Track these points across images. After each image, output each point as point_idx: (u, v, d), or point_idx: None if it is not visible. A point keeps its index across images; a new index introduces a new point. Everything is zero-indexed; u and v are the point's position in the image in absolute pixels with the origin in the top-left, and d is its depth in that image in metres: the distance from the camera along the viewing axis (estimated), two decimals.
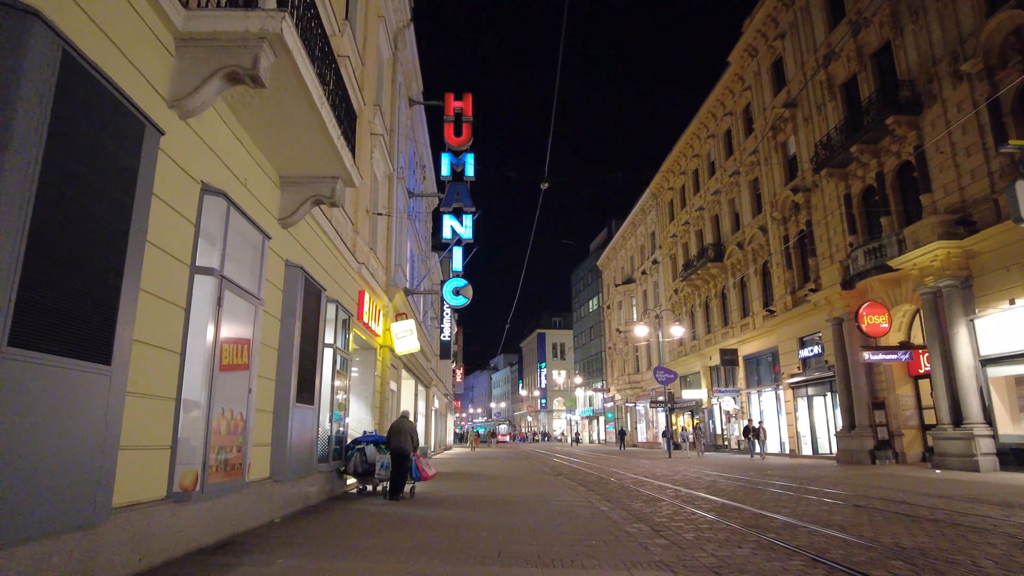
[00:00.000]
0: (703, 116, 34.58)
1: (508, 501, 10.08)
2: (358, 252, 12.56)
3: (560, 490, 12.07)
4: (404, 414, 10.74)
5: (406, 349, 15.31)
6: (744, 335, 29.45)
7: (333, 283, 10.40)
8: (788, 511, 8.86)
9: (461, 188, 19.45)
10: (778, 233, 25.97)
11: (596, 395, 63.42)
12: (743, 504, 9.69)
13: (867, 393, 19.34)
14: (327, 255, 10.08)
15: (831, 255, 21.90)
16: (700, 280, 34.21)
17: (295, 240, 8.44)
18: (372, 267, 14.10)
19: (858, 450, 19.04)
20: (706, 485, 13.26)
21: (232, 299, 6.09)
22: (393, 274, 16.46)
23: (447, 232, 19.33)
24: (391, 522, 7.72)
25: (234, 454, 6.04)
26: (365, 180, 13.66)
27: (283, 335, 7.91)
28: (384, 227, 16.15)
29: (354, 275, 12.11)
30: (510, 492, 11.71)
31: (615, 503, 10.03)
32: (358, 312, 12.44)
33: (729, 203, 31.76)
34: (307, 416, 8.60)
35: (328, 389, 10.08)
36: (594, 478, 15.90)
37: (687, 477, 15.56)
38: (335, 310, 10.37)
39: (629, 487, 13.10)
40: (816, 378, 23.06)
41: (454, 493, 11.53)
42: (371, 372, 14.58)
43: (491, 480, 15.00)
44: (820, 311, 21.93)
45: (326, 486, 10.06)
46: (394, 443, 10.20)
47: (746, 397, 29.73)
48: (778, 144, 26.26)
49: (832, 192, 21.81)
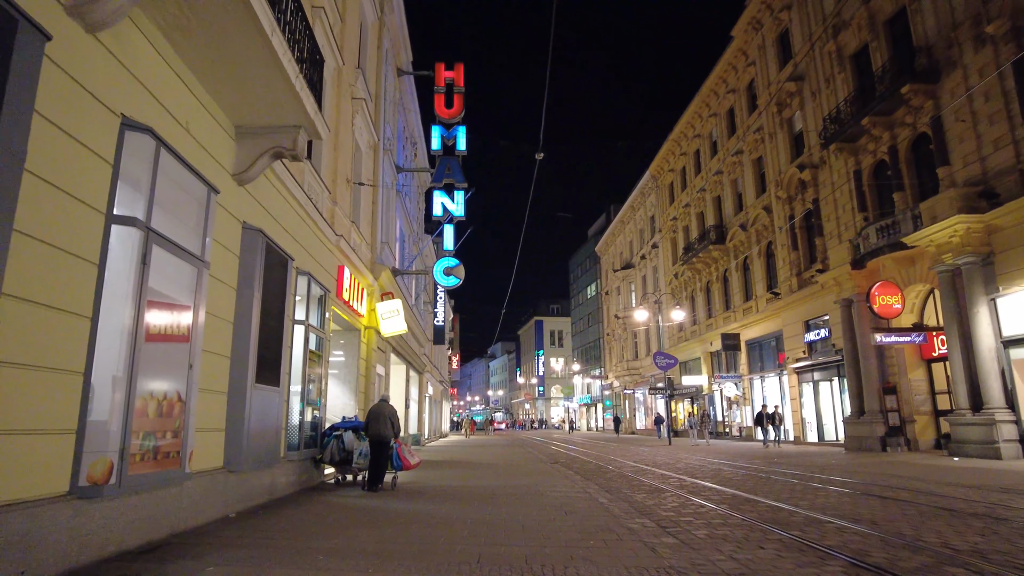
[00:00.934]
0: (705, 94, 33.50)
1: (498, 493, 9.21)
2: (337, 224, 11.60)
3: (555, 480, 11.20)
4: (384, 398, 9.84)
5: (392, 331, 14.39)
6: (747, 319, 28.58)
7: (305, 254, 9.45)
8: (808, 503, 7.98)
9: (452, 162, 18.40)
10: (783, 213, 25.02)
11: (594, 382, 62.71)
12: (755, 495, 8.82)
13: (877, 378, 18.49)
14: (297, 223, 9.12)
15: (839, 234, 20.97)
16: (701, 263, 33.28)
17: (255, 201, 7.48)
18: (354, 242, 13.14)
19: (868, 437, 18.21)
20: (711, 474, 12.41)
21: (164, 258, 5.14)
22: (379, 252, 15.50)
23: (437, 209, 18.31)
24: (362, 517, 6.83)
25: (168, 440, 5.12)
26: (346, 148, 12.68)
27: (240, 306, 6.98)
28: (369, 201, 15.17)
29: (332, 248, 11.16)
30: (501, 482, 10.84)
31: (615, 494, 9.15)
32: (337, 289, 11.50)
33: (732, 183, 30.78)
34: (271, 399, 7.69)
35: (300, 370, 9.16)
36: (592, 466, 15.06)
37: (690, 465, 14.72)
38: (307, 284, 9.43)
39: (629, 476, 12.25)
40: (822, 362, 22.22)
41: (440, 483, 10.65)
42: (355, 355, 13.66)
43: (482, 469, 14.15)
44: (828, 293, 21.03)
45: (298, 476, 9.17)
46: (373, 430, 9.31)
47: (748, 383, 28.92)
48: (783, 120, 25.24)
49: (841, 168, 20.83)
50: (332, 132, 11.75)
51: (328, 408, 13.16)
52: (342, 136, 12.30)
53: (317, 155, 10.96)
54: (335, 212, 11.58)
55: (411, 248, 23.17)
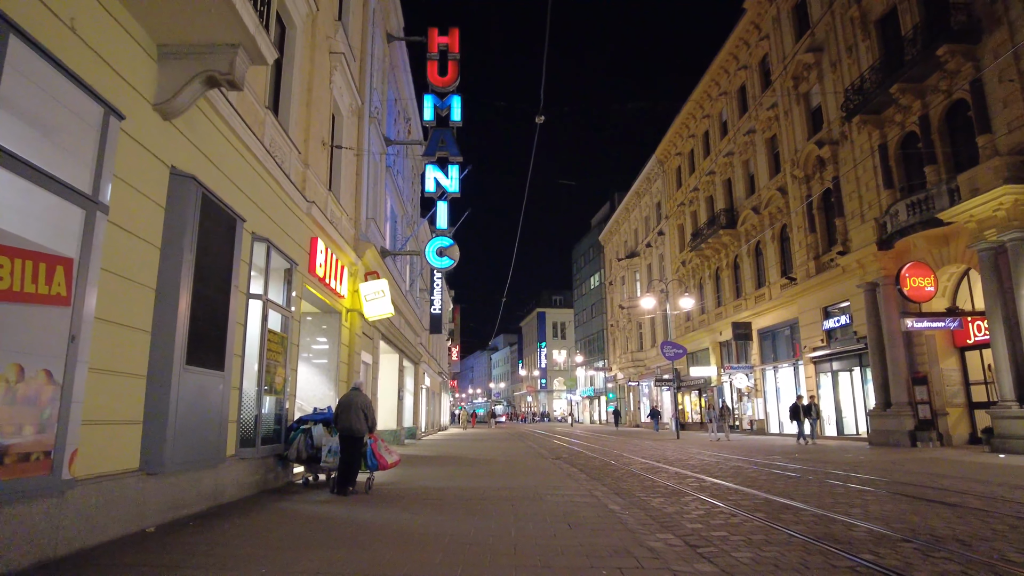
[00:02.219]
0: (714, 72, 31.95)
1: (490, 497, 7.86)
2: (309, 190, 10.22)
3: (558, 479, 9.85)
4: (356, 386, 8.50)
5: (377, 313, 13.03)
6: (759, 307, 27.16)
7: (263, 217, 8.08)
8: (860, 511, 6.62)
9: (446, 134, 16.98)
10: (799, 193, 23.56)
11: (597, 374, 61.36)
12: (791, 500, 7.45)
13: (906, 367, 17.09)
14: (252, 179, 7.74)
15: (862, 214, 19.53)
16: (710, 250, 31.84)
17: (190, 144, 6.10)
18: (332, 214, 11.77)
19: (895, 431, 16.84)
20: (730, 472, 11.05)
21: (18, 187, 3.77)
22: (364, 228, 14.13)
23: (430, 185, 16.91)
24: (315, 532, 5.49)
25: (27, 438, 3.76)
26: (322, 107, 11.29)
27: (165, 270, 5.62)
28: (352, 172, 13.79)
29: (302, 216, 9.78)
30: (495, 483, 9.49)
31: (627, 499, 7.80)
32: (309, 264, 10.14)
33: (743, 165, 29.29)
34: (212, 385, 6.33)
35: (256, 353, 7.81)
36: (597, 463, 13.72)
37: (705, 463, 13.37)
38: (266, 252, 8.06)
39: (640, 475, 10.89)
40: (842, 351, 20.82)
41: (425, 484, 9.31)
42: (335, 340, 12.32)
43: (477, 466, 12.81)
44: (849, 276, 19.61)
45: (255, 476, 7.83)
46: (343, 422, 7.97)
47: (760, 374, 27.54)
48: (800, 95, 23.73)
49: (864, 143, 19.36)
50: (304, 87, 10.36)
51: (304, 398, 11.86)
52: (317, 92, 10.91)
53: (285, 109, 9.58)
54: (307, 176, 10.20)
55: (404, 231, 21.79)
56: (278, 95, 9.59)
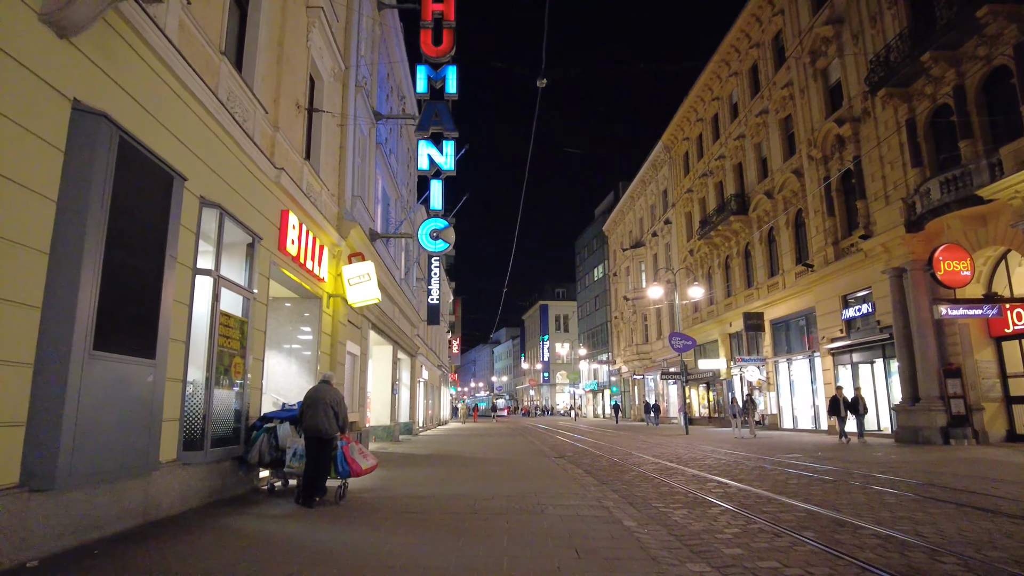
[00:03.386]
0: (724, 52, 30.54)
1: (482, 509, 6.67)
2: (279, 156, 9.01)
3: (562, 485, 8.66)
4: (326, 378, 7.30)
5: (362, 299, 11.82)
6: (772, 296, 25.89)
7: (215, 180, 6.87)
8: (933, 530, 5.41)
9: (440, 107, 15.72)
10: (816, 175, 22.24)
11: (601, 368, 60.17)
12: (841, 513, 6.24)
13: (937, 358, 15.84)
14: (199, 133, 6.52)
15: (886, 195, 18.23)
16: (720, 237, 30.54)
17: (100, 72, 4.88)
18: (308, 186, 10.56)
19: (925, 427, 15.60)
20: (755, 475, 9.84)
21: None
22: (349, 206, 12.92)
23: (423, 162, 15.65)
24: (254, 563, 4.30)
25: None
26: (296, 65, 10.06)
27: (63, 230, 4.42)
28: (335, 143, 12.56)
29: (268, 184, 8.57)
30: (491, 489, 8.30)
31: (643, 511, 6.61)
32: (279, 240, 8.93)
33: (755, 148, 27.95)
34: (134, 376, 5.15)
35: (205, 339, 6.62)
36: (604, 463, 12.54)
37: (722, 463, 12.17)
38: (218, 221, 6.86)
39: (653, 478, 9.69)
40: (864, 342, 19.56)
41: (410, 491, 8.12)
42: (314, 327, 11.14)
43: (473, 466, 11.64)
44: (873, 261, 18.35)
45: (204, 484, 6.65)
46: (308, 421, 6.78)
47: (773, 366, 26.30)
48: (817, 72, 22.37)
49: (890, 118, 18.04)
50: (274, 40, 9.14)
51: (281, 392, 10.71)
52: (291, 48, 9.68)
53: (250, 62, 8.36)
54: (277, 141, 8.98)
55: (399, 215, 20.55)
56: (242, 46, 8.37)
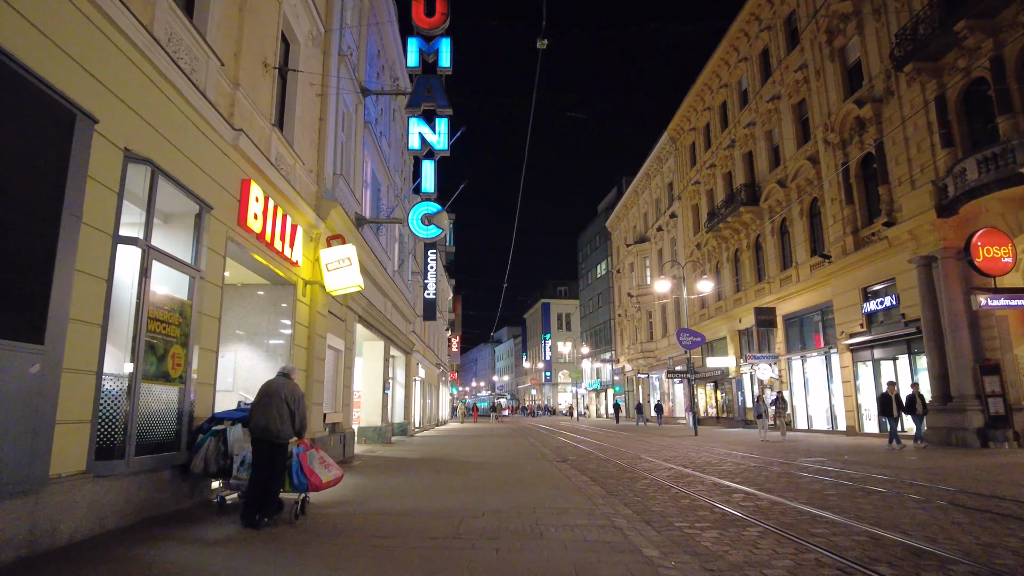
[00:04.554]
0: (733, 36, 29.30)
1: (468, 531, 5.46)
2: (239, 116, 7.80)
3: (564, 496, 7.45)
4: (284, 371, 6.10)
5: (341, 285, 10.60)
6: (784, 291, 24.63)
7: (145, 129, 5.67)
8: None
9: (433, 82, 14.53)
10: (833, 161, 20.99)
11: (604, 367, 58.91)
12: (912, 538, 5.00)
13: (971, 354, 14.60)
14: (121, 69, 5.32)
15: (911, 179, 16.98)
16: (729, 230, 29.28)
17: None
18: (280, 158, 9.35)
19: (959, 428, 14.37)
20: (784, 484, 8.62)
21: None
22: (329, 184, 11.72)
23: (414, 140, 14.46)
24: None
25: None
26: (263, 19, 8.86)
27: None
28: (313, 114, 11.36)
29: (223, 146, 7.37)
30: (482, 502, 7.09)
31: (664, 533, 5.40)
32: (239, 213, 7.73)
33: (766, 135, 26.70)
34: (6, 365, 3.94)
35: (130, 322, 5.42)
36: (611, 468, 11.32)
37: (742, 468, 10.95)
38: (148, 179, 5.67)
39: (669, 487, 8.47)
40: (887, 337, 18.31)
41: (386, 505, 6.92)
42: (288, 318, 9.95)
43: (466, 473, 10.43)
44: (898, 250, 17.11)
45: (128, 500, 5.44)
46: (258, 421, 5.59)
47: (785, 364, 25.04)
48: (834, 51, 21.12)
49: (916, 96, 16.79)
50: None
51: (250, 390, 9.50)
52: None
53: (202, 5, 7.16)
54: (236, 100, 7.78)
55: (391, 202, 19.33)
56: None
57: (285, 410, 5.59)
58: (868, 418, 19.62)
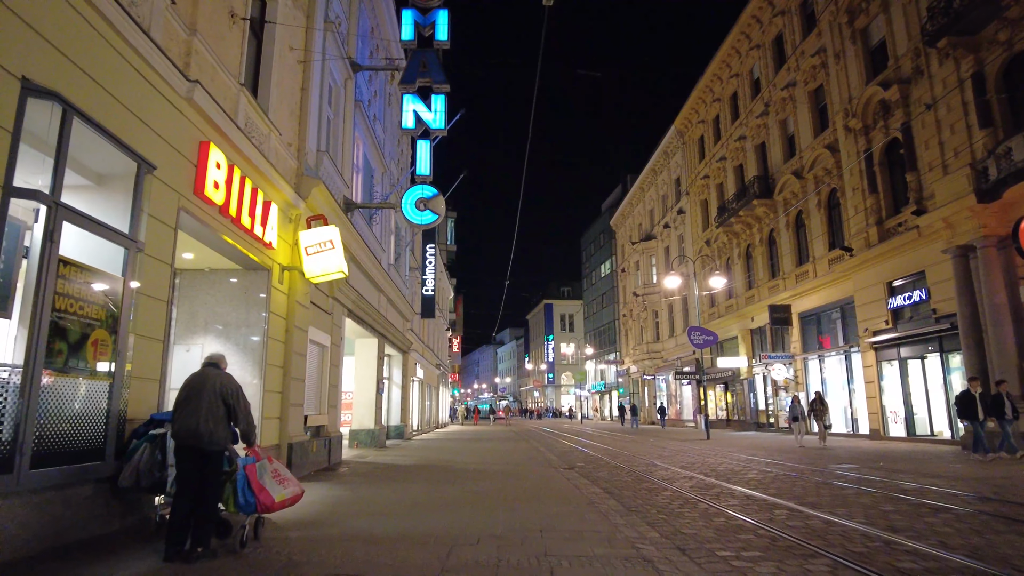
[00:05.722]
0: (744, 23, 28.13)
1: (458, 568, 4.28)
2: (196, 67, 6.65)
3: (576, 514, 6.27)
4: (212, 359, 4.90)
5: (322, 271, 9.44)
6: (800, 287, 23.43)
7: (55, 58, 4.53)
8: None
9: (429, 56, 13.40)
10: (855, 148, 19.80)
11: (609, 368, 57.66)
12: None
13: (1015, 351, 13.40)
14: None
15: (944, 164, 15.80)
16: (741, 224, 28.09)
17: None
18: (250, 124, 8.21)
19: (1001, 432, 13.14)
20: (830, 497, 7.42)
21: None
22: (312, 160, 10.58)
23: (407, 119, 13.30)
24: None
25: None
26: None
27: None
28: (294, 83, 10.21)
29: (172, 97, 6.22)
30: (477, 523, 5.92)
31: (710, 567, 4.21)
32: (195, 180, 6.58)
33: (780, 125, 25.51)
34: None
35: (26, 298, 4.26)
36: (624, 476, 10.13)
37: (772, 477, 9.76)
38: (58, 120, 4.52)
39: (698, 503, 7.27)
40: (915, 334, 17.12)
41: (360, 528, 5.75)
42: (261, 307, 8.78)
43: (462, 482, 9.25)
44: (929, 241, 15.93)
45: (16, 526, 4.26)
46: (182, 423, 4.43)
47: (801, 364, 23.83)
48: (856, 32, 19.95)
49: (949, 75, 15.61)
50: None
51: None
52: None
53: None
54: (193, 48, 6.62)
55: (385, 190, 18.17)
56: None
57: (220, 408, 4.42)
58: (894, 421, 18.41)
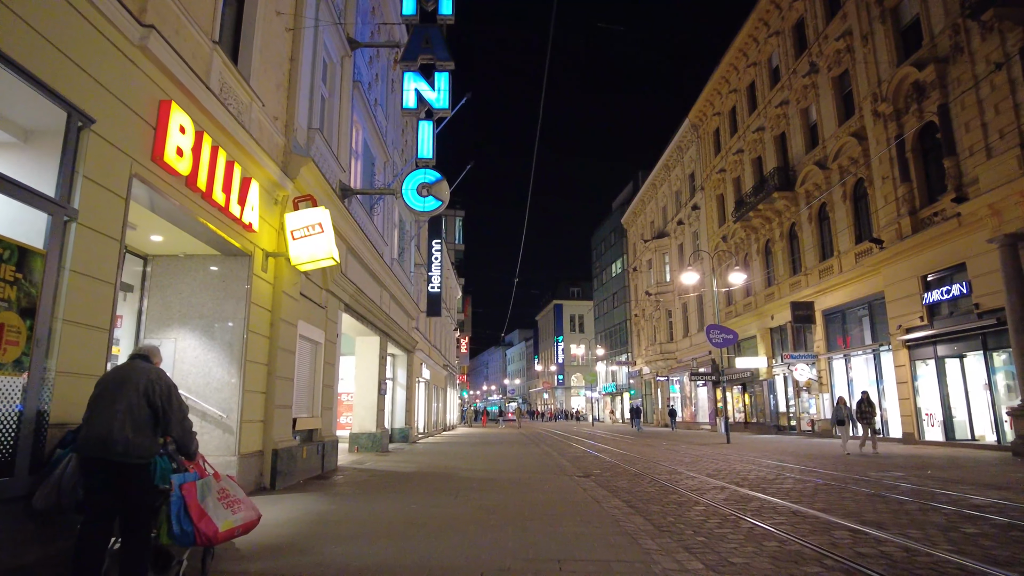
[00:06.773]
0: (763, 10, 27.02)
1: None
2: (153, 12, 5.70)
3: (600, 537, 5.25)
4: (142, 351, 3.92)
5: (310, 257, 8.48)
6: (824, 283, 22.27)
7: None
8: None
9: (432, 32, 12.45)
10: (885, 135, 18.65)
11: (620, 369, 56.48)
12: None
13: None
14: None
15: (988, 146, 14.65)
16: (759, 219, 26.95)
17: None
18: (227, 90, 7.26)
19: None
20: (889, 512, 6.35)
21: None
22: (302, 138, 9.64)
23: (409, 99, 12.35)
24: None
25: None
26: None
27: None
28: (282, 51, 9.27)
29: (127, 48, 5.29)
30: (480, 553, 4.92)
31: None
32: (153, 144, 5.64)
33: (801, 114, 24.37)
34: None
35: None
36: (648, 487, 9.08)
37: (811, 486, 8.68)
38: None
39: (740, 521, 6.23)
40: (955, 331, 15.94)
41: (338, 557, 4.76)
42: (241, 297, 7.84)
43: (466, 494, 8.25)
44: (971, 230, 14.80)
45: None
46: (90, 429, 3.46)
47: (826, 363, 22.66)
48: (885, 12, 18.82)
49: (992, 50, 14.47)
50: None
51: (191, 389, 7.49)
52: None
53: None
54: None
55: (386, 179, 17.22)
56: None
57: (143, 410, 3.45)
58: (930, 424, 17.23)
